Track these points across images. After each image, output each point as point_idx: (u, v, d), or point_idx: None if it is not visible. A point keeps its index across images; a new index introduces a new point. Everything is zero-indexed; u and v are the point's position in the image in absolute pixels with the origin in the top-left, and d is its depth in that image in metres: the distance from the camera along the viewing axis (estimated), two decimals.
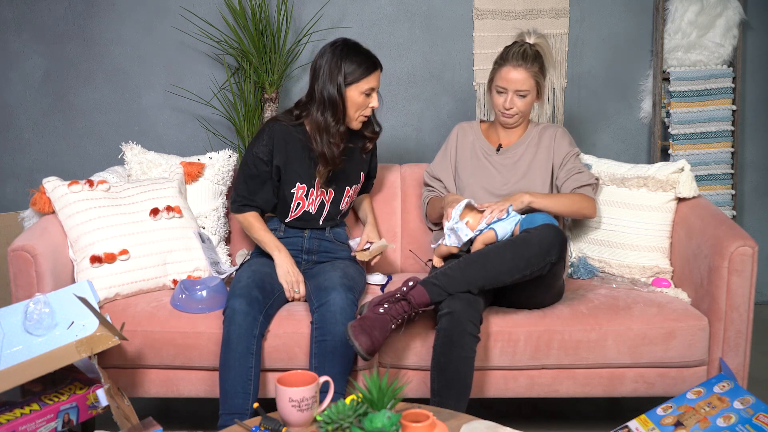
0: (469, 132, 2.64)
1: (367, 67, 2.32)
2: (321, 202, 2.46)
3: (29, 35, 3.40)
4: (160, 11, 3.38)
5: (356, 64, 2.31)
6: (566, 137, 2.56)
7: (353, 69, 2.30)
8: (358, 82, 2.31)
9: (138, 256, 2.41)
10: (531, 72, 2.41)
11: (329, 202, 2.47)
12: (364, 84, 2.32)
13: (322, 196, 2.46)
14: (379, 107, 2.40)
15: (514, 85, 2.42)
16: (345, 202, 2.51)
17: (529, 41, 2.47)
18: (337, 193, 2.48)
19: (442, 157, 2.66)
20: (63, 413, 2.06)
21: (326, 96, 2.31)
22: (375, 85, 2.35)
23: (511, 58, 2.42)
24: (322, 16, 3.36)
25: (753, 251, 2.22)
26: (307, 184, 2.43)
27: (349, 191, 2.51)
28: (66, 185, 2.43)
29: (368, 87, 2.33)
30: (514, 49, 2.44)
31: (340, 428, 1.59)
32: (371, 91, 2.35)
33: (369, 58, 2.34)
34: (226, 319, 2.18)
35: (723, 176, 3.39)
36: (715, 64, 3.34)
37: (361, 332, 1.99)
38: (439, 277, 2.12)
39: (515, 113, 2.48)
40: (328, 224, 2.51)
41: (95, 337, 2.02)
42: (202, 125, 3.45)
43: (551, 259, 2.12)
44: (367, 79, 2.32)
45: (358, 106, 2.35)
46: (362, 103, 2.35)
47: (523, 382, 2.28)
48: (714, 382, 2.10)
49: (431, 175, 2.66)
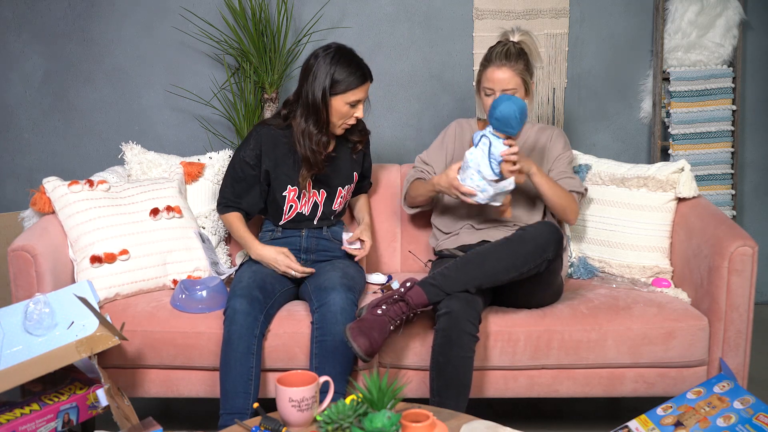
0: (467, 129, 2.63)
1: (355, 79, 2.29)
2: (314, 203, 2.47)
3: (29, 35, 3.40)
4: (160, 11, 3.38)
5: (345, 74, 2.28)
6: (561, 139, 2.56)
7: (342, 79, 2.28)
8: (344, 93, 2.30)
9: (138, 256, 2.41)
10: (516, 70, 2.39)
11: (322, 203, 2.48)
12: (350, 96, 2.30)
13: (315, 197, 2.46)
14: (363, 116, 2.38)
15: (500, 85, 2.40)
16: (338, 202, 2.51)
17: (513, 39, 2.46)
18: (330, 194, 2.48)
19: (438, 147, 2.65)
20: (63, 413, 2.06)
21: (311, 100, 2.30)
22: (362, 97, 2.33)
23: (495, 59, 2.40)
24: (322, 16, 3.36)
25: (753, 251, 2.22)
26: (298, 186, 2.43)
27: (342, 191, 2.50)
28: (66, 185, 2.43)
29: (354, 99, 2.31)
30: (497, 49, 2.42)
31: (340, 428, 1.59)
32: (357, 102, 2.33)
33: (359, 70, 2.30)
34: (227, 318, 2.18)
35: (723, 176, 3.39)
36: (715, 64, 3.34)
37: (359, 334, 1.99)
38: (437, 277, 2.12)
39: None
40: (324, 224, 2.51)
41: (95, 337, 2.03)
42: (202, 125, 3.45)
43: (548, 256, 2.13)
44: (354, 91, 2.30)
45: (341, 116, 2.34)
46: (346, 113, 2.34)
47: (523, 382, 2.28)
48: (714, 382, 2.10)
49: (423, 160, 2.65)
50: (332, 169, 2.46)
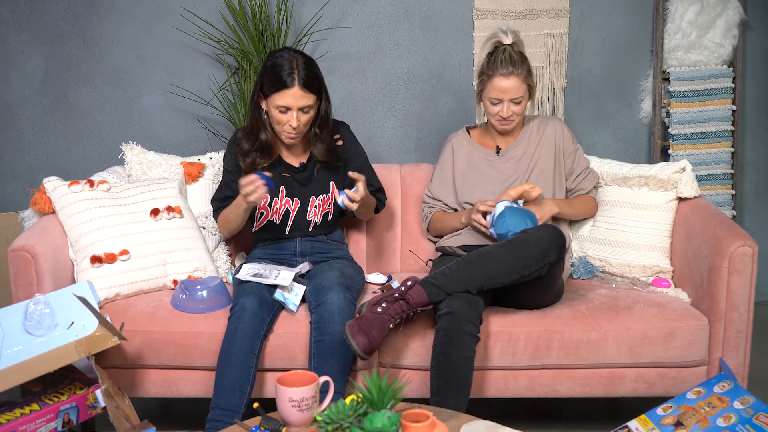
0: (464, 143, 2.61)
1: (277, 81, 2.23)
2: (285, 211, 2.44)
3: (29, 35, 3.40)
4: (160, 11, 3.38)
5: (271, 75, 2.25)
6: (567, 131, 2.57)
7: (267, 80, 2.26)
8: (270, 96, 2.26)
9: (138, 256, 2.41)
10: (522, 77, 2.38)
11: (294, 212, 2.44)
12: (277, 99, 2.25)
13: (287, 205, 2.43)
14: (296, 126, 2.27)
15: (509, 95, 2.38)
16: (313, 212, 2.45)
17: (508, 42, 2.42)
18: (303, 203, 2.44)
19: (439, 177, 2.63)
20: (63, 413, 2.06)
21: (250, 105, 2.35)
22: (288, 103, 2.24)
23: (501, 67, 2.37)
24: (322, 16, 3.36)
25: (753, 251, 2.22)
26: (271, 195, 2.40)
27: (315, 201, 2.45)
28: (66, 185, 2.43)
29: (281, 104, 2.25)
30: (499, 56, 2.38)
31: (340, 428, 1.59)
32: (285, 109, 2.26)
33: (291, 74, 2.22)
34: (234, 315, 2.17)
35: (723, 176, 3.39)
36: (715, 64, 3.34)
37: (358, 332, 1.99)
38: (438, 276, 2.12)
39: (514, 119, 2.46)
40: (296, 234, 2.47)
41: (94, 337, 2.03)
42: (202, 125, 3.45)
43: (550, 260, 2.12)
44: (279, 95, 2.24)
45: (275, 121, 2.30)
46: (278, 119, 2.29)
47: (523, 382, 2.28)
48: (714, 382, 2.10)
49: (431, 196, 2.65)
50: (304, 178, 2.44)
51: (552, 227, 2.17)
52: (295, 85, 2.23)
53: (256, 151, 2.39)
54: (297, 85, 2.23)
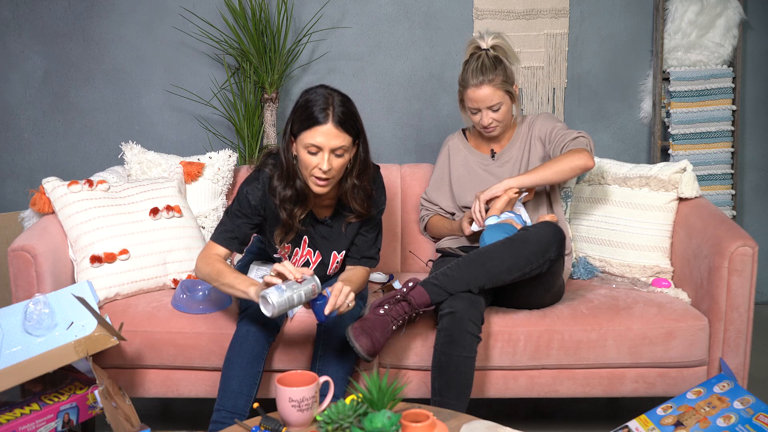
0: (461, 147, 2.60)
1: (308, 118, 1.97)
2: (306, 262, 2.24)
3: (29, 35, 3.40)
4: (160, 11, 3.38)
5: (303, 111, 1.99)
6: (549, 119, 2.50)
7: (298, 117, 2.00)
8: (300, 134, 1.99)
9: (138, 256, 2.41)
10: (495, 84, 2.34)
11: (315, 264, 2.25)
12: (306, 137, 1.98)
13: (309, 256, 2.24)
14: (328, 170, 1.99)
15: (484, 103, 2.37)
16: (333, 267, 2.27)
17: (485, 46, 2.41)
18: (324, 257, 2.24)
19: (436, 181, 2.63)
20: (63, 413, 2.06)
21: (281, 147, 2.07)
22: (319, 142, 1.96)
23: (471, 77, 2.35)
24: (322, 16, 3.36)
25: (753, 251, 2.22)
26: (292, 243, 2.20)
27: (337, 257, 2.26)
28: (66, 185, 2.43)
29: (310, 143, 1.97)
30: (471, 65, 2.37)
31: (340, 428, 1.59)
32: (315, 149, 1.98)
33: (322, 109, 1.96)
34: (246, 317, 2.12)
35: (723, 176, 3.39)
36: (715, 64, 3.34)
37: (361, 333, 1.99)
38: (439, 277, 2.12)
39: (496, 126, 2.44)
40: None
41: (93, 337, 2.03)
42: (202, 125, 3.45)
43: (550, 256, 2.13)
44: (308, 132, 1.97)
45: (303, 165, 2.03)
46: (307, 162, 2.01)
47: (523, 382, 2.28)
48: (714, 382, 2.10)
49: (427, 200, 2.65)
50: (328, 232, 2.22)
51: (552, 224, 2.18)
52: (328, 121, 1.96)
53: (292, 201, 2.10)
54: (331, 122, 1.96)
